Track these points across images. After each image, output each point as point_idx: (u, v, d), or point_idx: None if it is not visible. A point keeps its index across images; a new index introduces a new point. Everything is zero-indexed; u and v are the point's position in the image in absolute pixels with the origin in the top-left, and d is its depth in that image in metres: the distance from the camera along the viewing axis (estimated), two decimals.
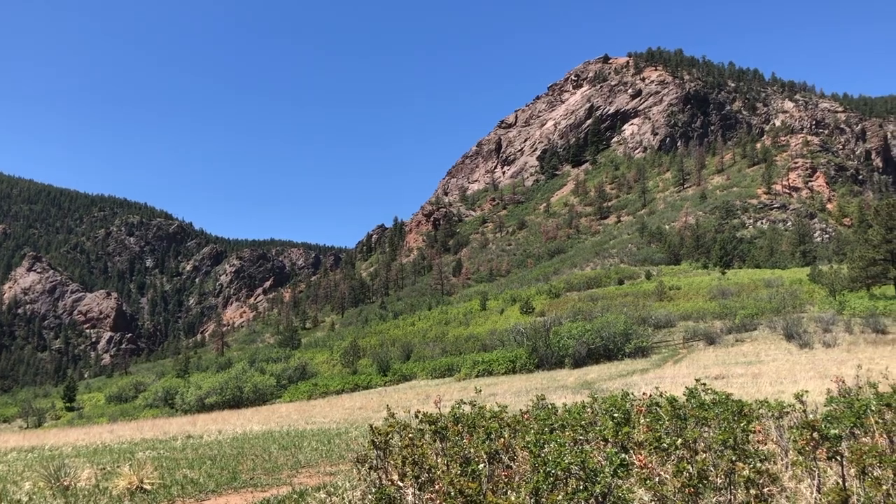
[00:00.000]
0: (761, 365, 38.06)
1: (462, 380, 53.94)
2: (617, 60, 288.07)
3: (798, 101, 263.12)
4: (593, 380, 40.36)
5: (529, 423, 8.52)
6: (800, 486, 6.21)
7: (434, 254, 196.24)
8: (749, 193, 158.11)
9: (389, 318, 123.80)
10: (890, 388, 9.46)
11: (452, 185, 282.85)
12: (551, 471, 5.43)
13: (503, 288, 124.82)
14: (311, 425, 29.27)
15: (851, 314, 56.61)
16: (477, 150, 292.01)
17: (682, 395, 8.50)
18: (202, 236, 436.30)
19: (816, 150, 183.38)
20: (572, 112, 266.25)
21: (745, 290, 77.89)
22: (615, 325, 55.73)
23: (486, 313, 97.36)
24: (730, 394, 7.85)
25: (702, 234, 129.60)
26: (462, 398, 10.90)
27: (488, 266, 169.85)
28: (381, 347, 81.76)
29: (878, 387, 11.32)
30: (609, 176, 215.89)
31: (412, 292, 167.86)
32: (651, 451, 6.23)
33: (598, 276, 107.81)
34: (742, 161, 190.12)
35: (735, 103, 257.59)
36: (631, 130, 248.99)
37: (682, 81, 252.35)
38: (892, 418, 6.89)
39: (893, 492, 5.08)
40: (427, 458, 7.49)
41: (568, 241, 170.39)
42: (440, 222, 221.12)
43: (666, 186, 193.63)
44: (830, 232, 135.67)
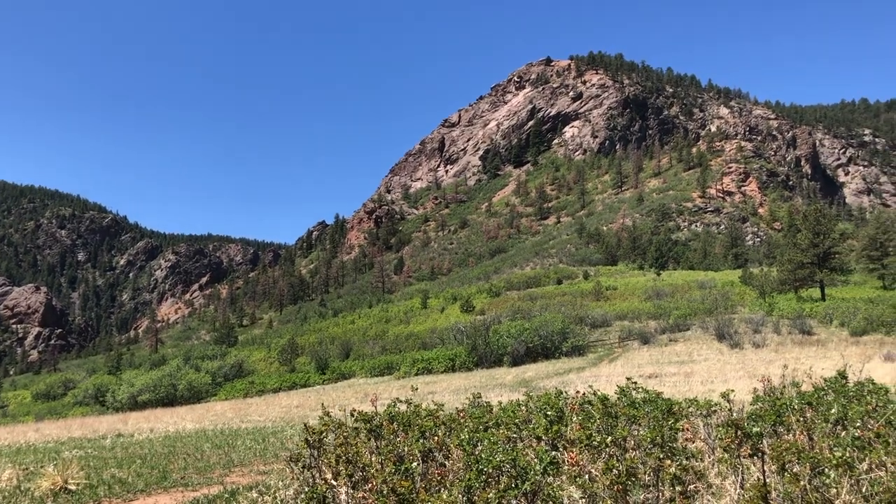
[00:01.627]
0: (693, 364, 38.99)
1: (401, 378, 53.86)
2: (559, 63, 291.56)
3: (733, 107, 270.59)
4: (531, 378, 40.75)
5: (465, 421, 8.55)
6: (725, 483, 6.38)
7: (376, 251, 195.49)
8: (684, 197, 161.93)
9: (329, 315, 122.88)
10: (812, 387, 9.80)
11: (395, 182, 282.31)
12: (483, 469, 5.46)
13: (444, 286, 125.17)
14: (246, 424, 28.83)
15: (780, 316, 58.46)
16: (420, 148, 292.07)
17: (614, 393, 8.65)
18: (137, 230, 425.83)
19: (749, 156, 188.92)
20: (515, 113, 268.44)
21: (679, 291, 79.72)
22: (553, 324, 56.38)
23: (426, 312, 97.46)
24: (660, 393, 8.02)
25: (638, 236, 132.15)
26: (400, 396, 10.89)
27: (430, 265, 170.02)
28: (319, 345, 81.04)
29: (802, 386, 11.71)
30: (550, 177, 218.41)
31: (353, 290, 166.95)
32: (582, 448, 6.32)
33: (538, 276, 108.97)
34: (678, 165, 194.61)
35: (672, 108, 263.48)
36: (571, 133, 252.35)
37: (621, 86, 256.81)
38: (812, 416, 7.14)
39: (810, 487, 5.27)
40: (361, 456, 7.45)
41: (509, 241, 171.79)
42: (382, 220, 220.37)
43: (604, 188, 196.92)
44: (761, 235, 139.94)
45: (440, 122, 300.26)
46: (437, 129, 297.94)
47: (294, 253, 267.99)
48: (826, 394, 8.57)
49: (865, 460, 5.77)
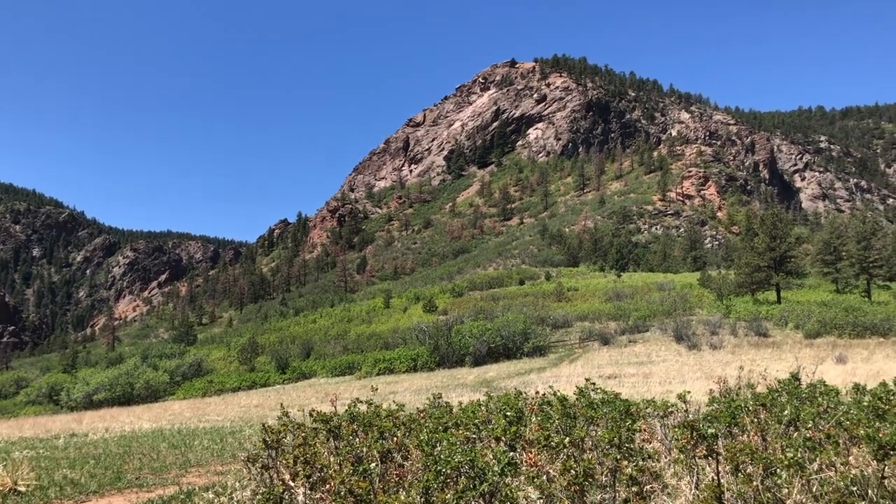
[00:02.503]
0: (652, 365, 39.47)
1: (363, 378, 53.64)
2: (524, 65, 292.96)
3: (693, 112, 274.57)
4: (492, 378, 40.88)
5: (425, 421, 8.53)
6: (680, 483, 6.46)
7: (338, 250, 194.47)
8: (645, 200, 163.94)
9: (290, 314, 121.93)
10: (767, 388, 9.99)
11: (359, 181, 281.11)
12: (442, 469, 5.45)
13: (407, 286, 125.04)
14: (204, 423, 28.46)
15: (737, 318, 59.47)
16: (385, 147, 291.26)
17: (573, 394, 8.71)
18: (95, 226, 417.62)
19: (709, 161, 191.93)
20: (479, 114, 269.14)
21: (638, 293, 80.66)
22: (515, 324, 56.63)
23: (389, 311, 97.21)
24: (618, 393, 8.10)
25: (600, 238, 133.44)
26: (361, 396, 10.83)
27: (393, 264, 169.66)
28: (280, 345, 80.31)
29: (757, 388, 11.94)
30: (513, 178, 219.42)
31: (315, 289, 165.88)
32: (541, 449, 6.35)
33: (501, 276, 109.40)
34: (639, 168, 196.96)
35: (635, 112, 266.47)
36: (535, 135, 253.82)
37: (585, 89, 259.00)
38: (766, 418, 7.27)
39: (763, 487, 5.36)
40: (320, 457, 7.39)
41: (472, 241, 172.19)
42: (345, 219, 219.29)
43: (567, 191, 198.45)
44: (720, 239, 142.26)
45: (405, 122, 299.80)
46: (401, 128, 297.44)
47: (255, 251, 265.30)
48: (780, 395, 8.74)
49: (816, 460, 5.90)
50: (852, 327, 50.89)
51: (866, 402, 7.56)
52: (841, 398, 8.69)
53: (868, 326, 51.06)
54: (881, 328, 50.81)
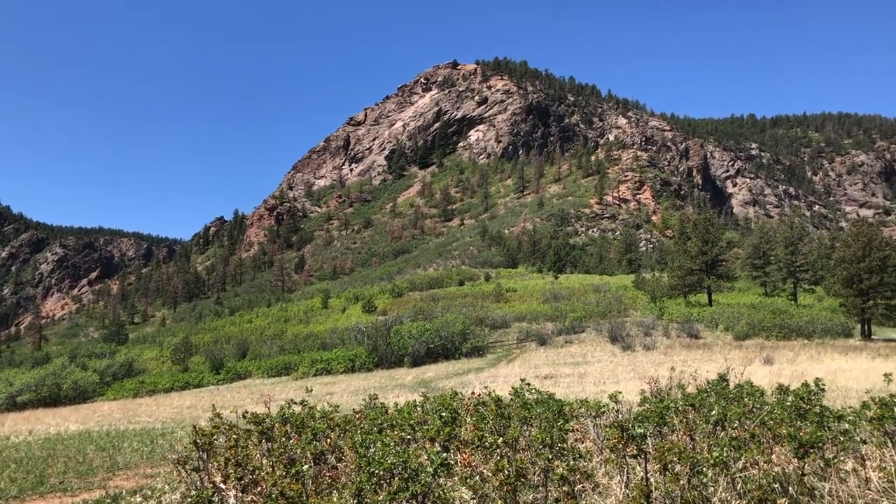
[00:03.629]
0: (587, 366, 40.06)
1: (299, 379, 53.03)
2: (465, 67, 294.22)
3: (630, 118, 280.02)
4: (431, 378, 40.91)
5: (360, 422, 8.48)
6: (611, 482, 6.57)
7: (276, 249, 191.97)
8: (583, 203, 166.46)
9: (225, 314, 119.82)
10: (696, 389, 10.23)
11: (298, 179, 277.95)
12: (375, 471, 5.42)
13: (346, 286, 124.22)
14: (134, 425, 27.72)
15: (670, 319, 60.85)
16: (325, 145, 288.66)
17: (508, 394, 8.77)
18: (21, 221, 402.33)
19: (645, 165, 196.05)
20: (421, 114, 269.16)
21: (575, 294, 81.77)
22: (454, 324, 56.77)
23: (327, 311, 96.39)
24: (552, 394, 8.20)
25: (538, 240, 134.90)
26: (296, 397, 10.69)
27: (332, 264, 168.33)
28: (215, 345, 78.79)
29: (687, 388, 12.22)
30: (454, 179, 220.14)
31: (251, 288, 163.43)
32: (475, 449, 6.37)
33: (441, 277, 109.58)
34: (578, 172, 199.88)
35: (573, 116, 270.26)
36: (476, 136, 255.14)
37: (525, 92, 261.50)
38: (694, 417, 7.45)
39: (689, 485, 5.49)
40: (252, 459, 7.28)
41: (413, 242, 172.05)
42: (284, 217, 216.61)
43: (507, 193, 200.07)
44: (654, 242, 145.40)
45: (346, 121, 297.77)
46: (342, 126, 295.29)
47: (190, 249, 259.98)
48: (708, 395, 8.96)
49: (741, 459, 6.06)
50: (779, 329, 52.61)
51: (789, 402, 7.82)
52: (766, 398, 8.95)
53: (794, 329, 52.87)
54: (806, 330, 52.68)
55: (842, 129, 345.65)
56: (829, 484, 6.13)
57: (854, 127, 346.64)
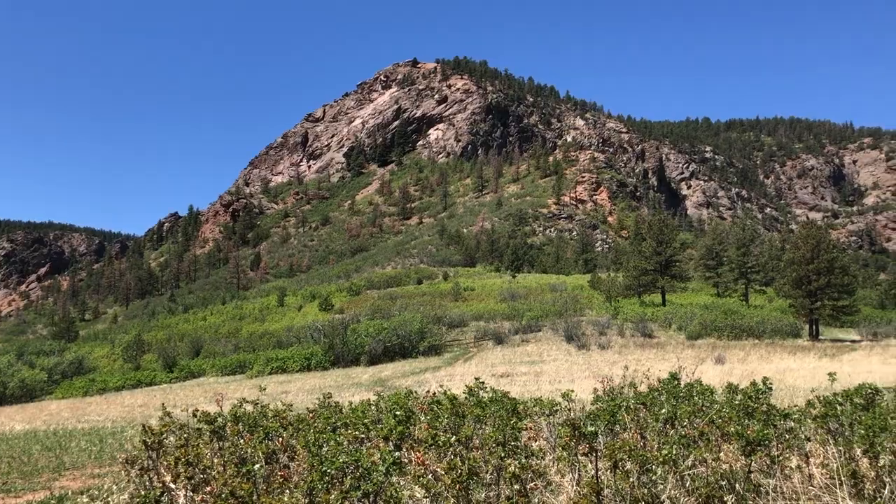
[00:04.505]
0: (543, 364, 40.40)
1: (254, 377, 52.47)
2: (425, 65, 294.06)
3: (588, 119, 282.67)
4: (387, 377, 40.85)
5: (314, 421, 8.42)
6: (563, 480, 6.63)
7: (231, 246, 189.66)
8: (540, 203, 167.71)
9: (179, 311, 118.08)
10: (648, 388, 10.38)
11: (255, 175, 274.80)
12: (327, 470, 5.39)
13: (303, 284, 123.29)
14: (83, 424, 27.15)
15: (624, 319, 61.63)
16: (282, 142, 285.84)
17: (462, 393, 8.79)
18: None
19: (602, 167, 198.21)
20: (380, 112, 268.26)
21: (532, 294, 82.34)
22: (412, 323, 56.72)
23: (283, 309, 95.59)
24: (507, 392, 8.24)
25: (496, 239, 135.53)
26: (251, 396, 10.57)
27: (289, 261, 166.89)
28: (168, 342, 77.58)
29: (640, 387, 12.38)
30: (413, 178, 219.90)
31: (205, 285, 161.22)
32: (428, 448, 6.37)
33: (399, 276, 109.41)
34: (536, 172, 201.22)
35: (532, 117, 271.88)
36: (436, 135, 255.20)
37: (485, 92, 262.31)
38: (645, 416, 7.55)
39: (639, 482, 5.57)
40: (203, 458, 7.17)
41: (371, 240, 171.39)
42: (240, 214, 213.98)
43: (466, 192, 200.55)
44: (610, 242, 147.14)
45: (304, 117, 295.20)
46: (300, 123, 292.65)
47: (143, 245, 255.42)
48: (660, 394, 9.09)
49: (690, 457, 6.16)
50: (731, 329, 53.66)
51: (738, 401, 7.98)
52: (716, 397, 9.12)
53: (745, 329, 53.99)
54: (756, 330, 53.83)
55: (793, 134, 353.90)
56: (774, 480, 6.26)
57: (805, 132, 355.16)
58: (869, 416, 7.13)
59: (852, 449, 6.56)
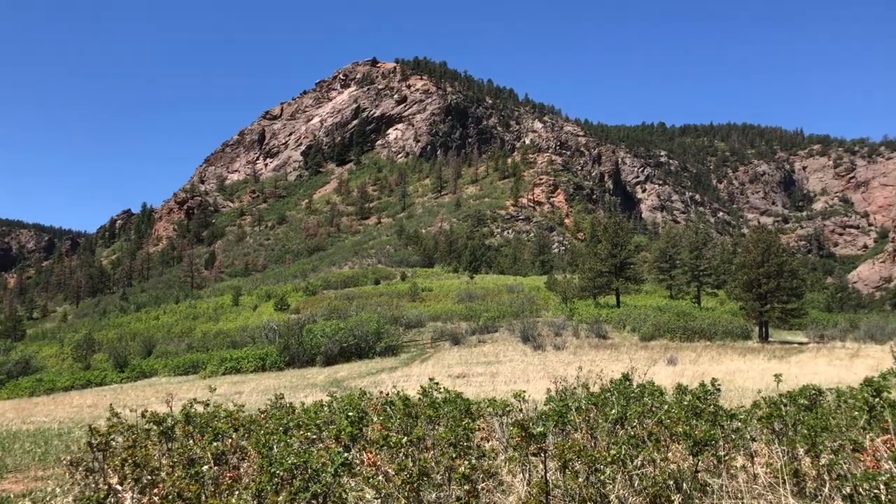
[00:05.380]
0: (499, 365, 40.58)
1: (208, 378, 51.71)
2: (385, 65, 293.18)
3: (546, 122, 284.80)
4: (343, 378, 40.63)
5: (266, 422, 8.34)
6: (514, 480, 6.68)
7: (186, 244, 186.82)
8: (499, 205, 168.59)
9: (131, 310, 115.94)
10: (600, 388, 10.50)
11: (210, 173, 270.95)
12: (276, 471, 5.34)
13: (258, 283, 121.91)
14: (28, 425, 26.46)
15: (579, 320, 62.21)
16: (239, 139, 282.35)
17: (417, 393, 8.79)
18: None
19: (559, 169, 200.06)
20: (339, 111, 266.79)
21: (489, 294, 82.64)
22: (369, 324, 56.48)
23: (238, 309, 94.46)
24: (460, 393, 8.27)
25: (455, 240, 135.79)
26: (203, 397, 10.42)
27: (244, 260, 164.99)
28: (119, 341, 76.08)
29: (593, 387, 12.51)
30: (372, 177, 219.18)
31: (159, 284, 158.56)
32: (380, 449, 6.36)
33: (356, 276, 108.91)
34: (494, 174, 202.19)
35: (491, 119, 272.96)
36: (395, 135, 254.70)
37: (444, 93, 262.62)
38: (595, 416, 7.64)
39: (587, 483, 5.64)
40: (151, 459, 7.06)
41: (328, 240, 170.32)
42: (194, 211, 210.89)
43: (425, 192, 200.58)
44: (566, 244, 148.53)
45: (261, 114, 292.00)
46: (257, 120, 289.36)
47: (95, 242, 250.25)
48: (611, 395, 9.21)
49: (639, 457, 6.26)
50: (683, 331, 54.53)
51: (686, 401, 8.11)
52: (666, 398, 9.26)
53: (697, 330, 54.91)
54: (708, 332, 54.80)
55: (745, 140, 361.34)
56: (720, 480, 6.39)
57: (757, 138, 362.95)
58: (812, 416, 7.32)
59: (795, 448, 6.72)
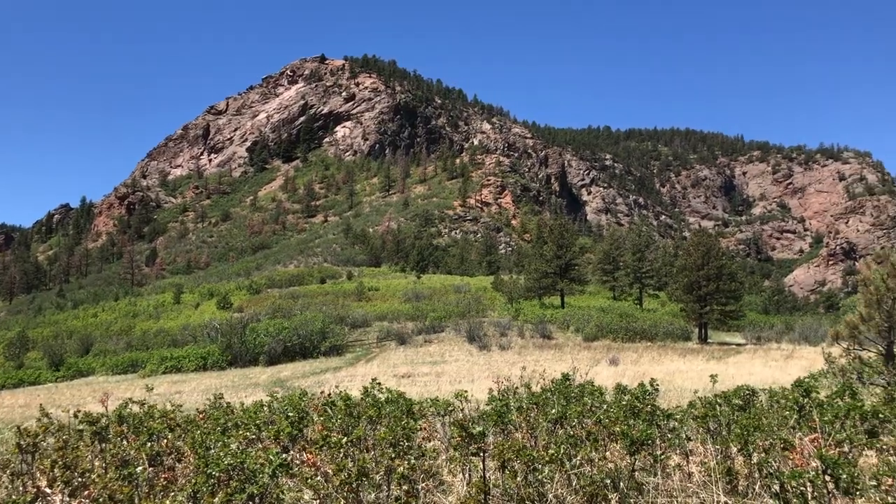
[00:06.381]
0: (445, 365, 40.70)
1: (147, 377, 50.64)
2: (333, 62, 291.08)
3: (495, 124, 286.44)
4: (287, 377, 40.26)
5: (203, 422, 8.19)
6: (455, 480, 6.70)
7: (126, 240, 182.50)
8: (447, 205, 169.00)
9: (68, 307, 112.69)
10: (542, 388, 10.60)
11: (152, 168, 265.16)
12: (212, 472, 5.25)
13: (201, 281, 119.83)
14: None
15: (525, 321, 62.75)
16: (183, 134, 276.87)
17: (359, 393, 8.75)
18: None
19: (507, 171, 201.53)
20: (286, 107, 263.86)
21: (436, 294, 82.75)
22: (313, 323, 56.06)
23: (179, 307, 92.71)
24: (403, 393, 8.25)
25: (402, 240, 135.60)
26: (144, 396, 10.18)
27: (186, 257, 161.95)
28: (55, 339, 73.91)
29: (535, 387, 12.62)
30: (319, 175, 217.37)
31: (98, 281, 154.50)
32: (320, 449, 6.30)
33: (302, 274, 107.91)
34: (443, 174, 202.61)
35: (440, 119, 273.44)
36: (343, 133, 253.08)
37: (393, 92, 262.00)
38: (536, 416, 7.71)
39: (526, 482, 5.69)
40: (83, 461, 6.86)
41: (273, 237, 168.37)
42: (136, 207, 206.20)
43: (373, 191, 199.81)
44: (513, 245, 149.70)
45: (206, 109, 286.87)
46: (202, 115, 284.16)
47: (30, 237, 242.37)
48: (552, 394, 9.30)
49: (577, 456, 6.34)
50: (625, 332, 55.51)
51: (625, 401, 8.25)
52: (606, 397, 9.40)
53: (638, 331, 55.94)
54: (649, 333, 55.88)
55: (688, 145, 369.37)
56: (656, 479, 6.50)
57: (699, 143, 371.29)
58: (745, 416, 7.52)
59: (729, 447, 6.89)
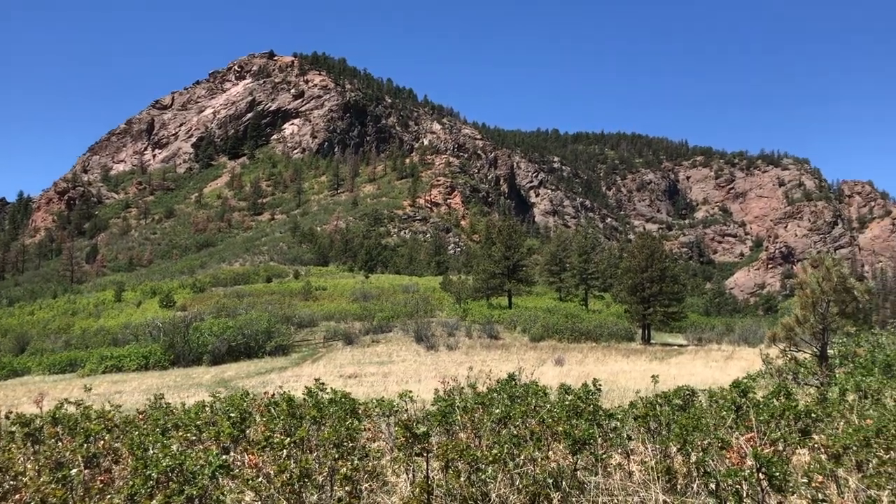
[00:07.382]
0: (392, 365, 40.62)
1: (86, 376, 49.34)
2: (282, 59, 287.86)
3: (445, 124, 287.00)
4: (231, 377, 39.69)
5: (143, 423, 8.03)
6: (398, 480, 6.69)
7: (66, 237, 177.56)
8: (396, 204, 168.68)
9: (3, 304, 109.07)
10: (488, 388, 10.66)
11: (94, 162, 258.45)
12: (151, 474, 5.15)
13: (143, 279, 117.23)
14: None
15: (472, 321, 63.02)
16: (126, 128, 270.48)
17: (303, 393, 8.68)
18: None
19: (456, 172, 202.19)
20: (233, 103, 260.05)
21: (385, 294, 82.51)
22: (259, 322, 55.37)
23: (121, 305, 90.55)
24: (347, 393, 8.21)
25: (351, 239, 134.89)
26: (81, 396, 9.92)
27: (128, 255, 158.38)
28: None
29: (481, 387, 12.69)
30: (266, 173, 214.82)
31: (35, 277, 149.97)
32: (262, 450, 6.24)
33: (247, 273, 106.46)
34: (392, 173, 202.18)
35: (390, 118, 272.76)
36: (291, 130, 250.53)
37: (343, 90, 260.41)
38: (481, 416, 7.76)
39: (469, 482, 5.72)
40: (15, 464, 6.66)
41: (219, 235, 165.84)
42: (76, 202, 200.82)
43: (321, 189, 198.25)
44: (462, 246, 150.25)
45: (151, 103, 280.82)
46: (146, 109, 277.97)
47: None
48: (497, 394, 9.37)
49: (520, 456, 6.39)
50: (571, 332, 56.16)
51: (569, 401, 8.35)
52: (550, 397, 9.50)
53: (584, 332, 56.67)
54: (595, 334, 56.65)
55: (634, 149, 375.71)
56: (597, 478, 6.60)
57: (645, 147, 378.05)
58: (685, 416, 7.68)
59: (668, 447, 7.03)
